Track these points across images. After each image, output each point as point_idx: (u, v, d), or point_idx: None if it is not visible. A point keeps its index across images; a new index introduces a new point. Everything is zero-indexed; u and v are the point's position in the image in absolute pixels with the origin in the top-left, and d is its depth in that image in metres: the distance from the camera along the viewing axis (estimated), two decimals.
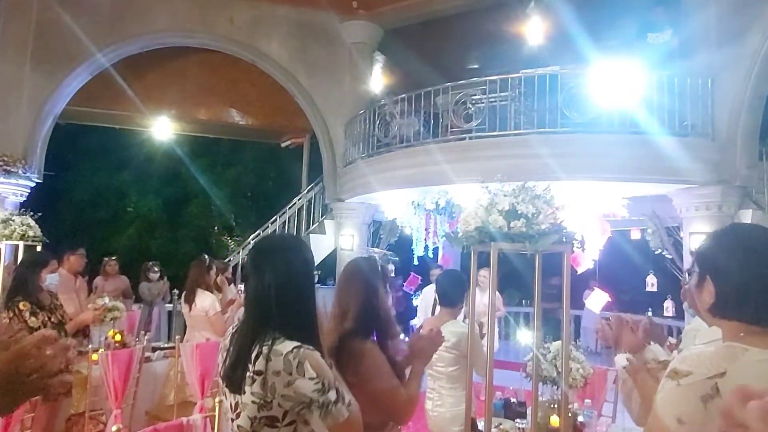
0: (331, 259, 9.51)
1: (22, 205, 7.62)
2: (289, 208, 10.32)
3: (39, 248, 4.23)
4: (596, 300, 6.54)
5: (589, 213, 6.26)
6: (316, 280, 1.69)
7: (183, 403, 4.44)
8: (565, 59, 7.12)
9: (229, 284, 5.78)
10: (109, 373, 3.79)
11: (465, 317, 2.98)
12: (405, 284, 8.46)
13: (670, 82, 5.92)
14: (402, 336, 2.46)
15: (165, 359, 4.88)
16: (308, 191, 10.49)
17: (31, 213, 4.32)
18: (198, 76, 10.19)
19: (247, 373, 1.50)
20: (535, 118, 6.13)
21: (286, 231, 10.09)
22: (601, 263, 7.36)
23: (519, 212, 2.04)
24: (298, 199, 10.44)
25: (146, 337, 4.99)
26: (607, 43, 7.56)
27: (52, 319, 3.64)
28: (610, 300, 6.65)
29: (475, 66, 10.56)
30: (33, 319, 3.52)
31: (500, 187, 2.33)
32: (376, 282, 2.08)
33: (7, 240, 4.03)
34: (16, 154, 7.38)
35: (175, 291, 8.48)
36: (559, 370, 2.47)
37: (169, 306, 8.56)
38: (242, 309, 1.73)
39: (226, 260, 9.66)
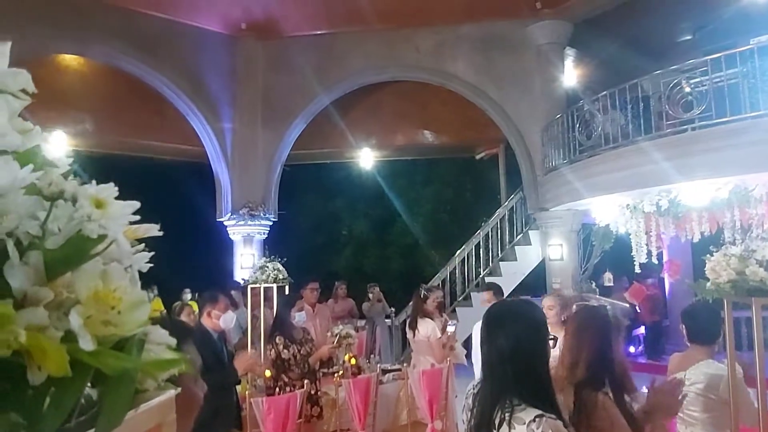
0: (540, 269, 9.20)
1: (264, 241, 9.07)
2: (491, 220, 10.27)
3: (287, 287, 4.96)
4: None
5: None
6: (551, 342, 1.66)
7: (415, 423, 4.73)
8: None
9: (440, 309, 5.96)
10: (352, 398, 4.23)
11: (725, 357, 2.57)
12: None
13: None
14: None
15: (394, 381, 5.27)
16: (508, 201, 10.32)
17: (279, 258, 5.09)
18: (392, 106, 10.89)
19: None
20: None
21: (489, 243, 10.06)
22: None
23: None
24: (499, 210, 10.34)
25: (376, 361, 5.52)
26: None
27: (302, 351, 4.23)
28: None
29: (688, 37, 9.24)
30: (285, 351, 4.16)
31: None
32: (610, 333, 2.02)
33: (264, 283, 4.85)
34: (257, 200, 8.83)
35: (392, 309, 9.07)
36: None
37: (388, 321, 9.17)
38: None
39: (434, 277, 10.05)
